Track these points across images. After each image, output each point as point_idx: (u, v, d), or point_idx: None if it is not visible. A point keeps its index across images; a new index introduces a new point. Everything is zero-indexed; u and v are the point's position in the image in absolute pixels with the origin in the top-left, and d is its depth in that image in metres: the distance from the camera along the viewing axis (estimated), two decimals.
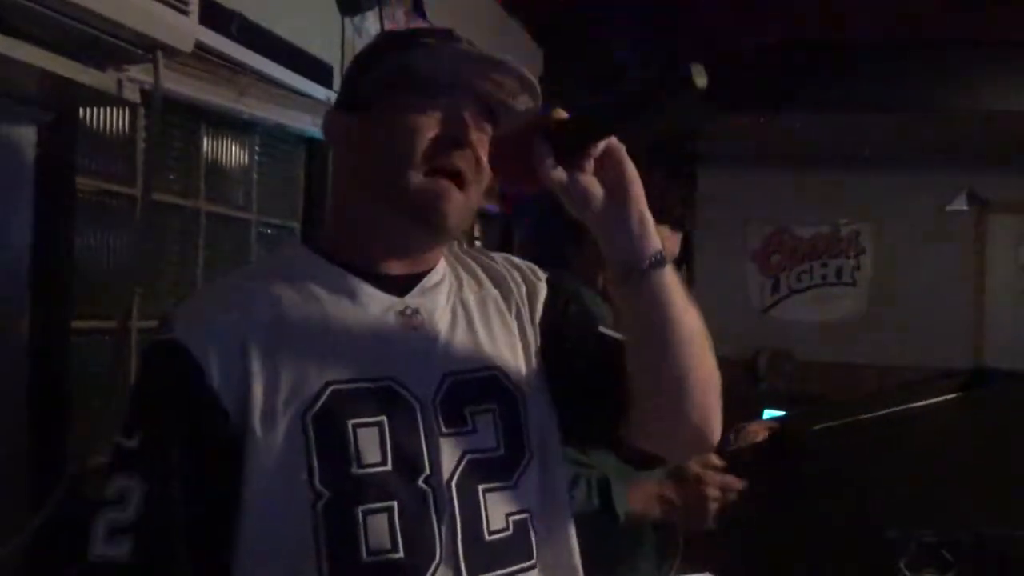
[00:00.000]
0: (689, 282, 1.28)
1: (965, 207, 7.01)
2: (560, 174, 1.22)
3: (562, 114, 1.24)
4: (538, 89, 1.31)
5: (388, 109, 1.30)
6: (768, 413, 3.93)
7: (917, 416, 1.94)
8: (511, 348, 1.38)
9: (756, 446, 2.29)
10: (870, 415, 1.99)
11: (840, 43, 5.10)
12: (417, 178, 1.27)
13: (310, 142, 2.75)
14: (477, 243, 3.93)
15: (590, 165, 1.23)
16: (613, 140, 1.24)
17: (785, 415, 2.95)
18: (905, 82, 5.18)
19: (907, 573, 1.83)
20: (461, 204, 1.29)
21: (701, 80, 1.11)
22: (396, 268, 1.34)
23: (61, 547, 1.73)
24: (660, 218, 1.30)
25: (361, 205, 1.33)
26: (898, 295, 7.03)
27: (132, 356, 2.01)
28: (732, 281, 7.03)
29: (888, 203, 7.01)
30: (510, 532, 1.29)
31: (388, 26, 2.96)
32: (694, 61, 1.11)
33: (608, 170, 1.24)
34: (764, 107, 5.51)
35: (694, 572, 2.81)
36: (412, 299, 1.33)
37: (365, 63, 1.37)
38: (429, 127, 1.28)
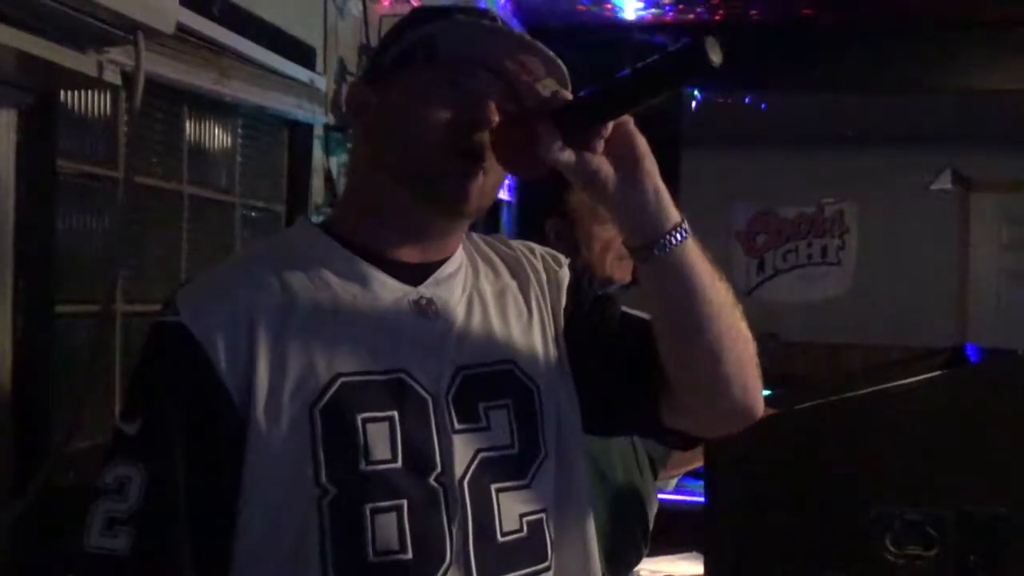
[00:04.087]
0: None
1: (949, 186, 7.04)
2: (569, 156, 1.16)
3: (566, 95, 1.19)
4: (566, 73, 1.26)
5: (408, 83, 1.25)
6: None
7: (901, 394, 1.95)
8: (528, 340, 1.33)
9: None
10: (854, 394, 2.00)
11: (824, 23, 5.10)
12: (437, 158, 1.22)
13: (293, 124, 2.73)
14: None
15: (600, 144, 1.17)
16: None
17: (770, 394, 2.97)
18: (889, 62, 5.19)
19: (892, 550, 1.84)
20: (481, 187, 1.24)
21: (716, 56, 1.07)
22: (411, 255, 1.29)
23: (42, 539, 1.73)
24: None
25: (377, 185, 1.28)
26: (882, 274, 7.07)
27: (116, 339, 2.01)
28: (717, 262, 7.02)
29: (872, 182, 7.04)
30: (524, 533, 1.24)
31: (372, 8, 2.95)
32: (708, 36, 1.07)
33: (618, 146, 1.18)
34: (748, 87, 5.51)
35: (681, 552, 2.83)
36: (427, 288, 1.28)
37: (391, 36, 1.32)
38: (451, 106, 1.23)
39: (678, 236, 1.20)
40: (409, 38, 1.27)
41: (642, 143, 1.19)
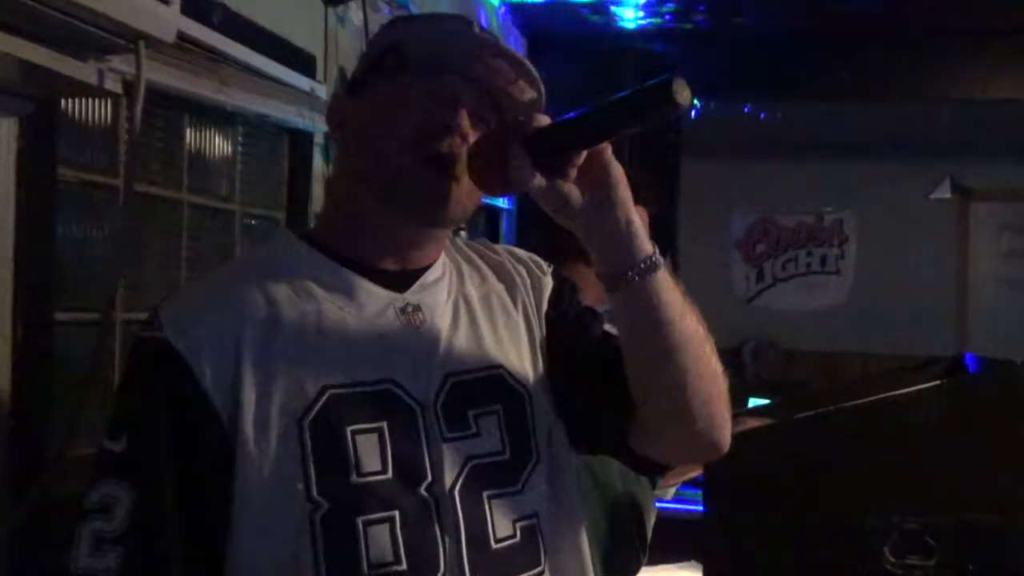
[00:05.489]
0: (674, 270, 1.22)
1: (948, 195, 7.04)
2: (539, 181, 1.15)
3: (542, 120, 1.18)
4: (536, 75, 1.25)
5: (378, 91, 1.25)
6: (753, 401, 3.95)
7: (900, 403, 1.95)
8: (516, 345, 1.33)
9: (742, 434, 2.30)
10: (853, 403, 2.00)
11: (823, 33, 5.11)
12: (403, 165, 1.21)
13: (293, 132, 2.74)
14: (463, 234, 3.92)
15: (572, 172, 1.16)
16: None
17: (768, 403, 2.97)
18: (888, 72, 5.19)
19: (891, 559, 1.84)
20: (454, 193, 1.23)
21: (684, 96, 1.07)
22: (393, 263, 1.29)
23: (40, 547, 1.73)
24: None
25: (354, 195, 1.28)
26: (882, 283, 7.05)
27: (116, 348, 2.01)
28: (717, 270, 7.04)
29: (872, 191, 7.03)
30: (517, 539, 1.24)
31: (372, 16, 2.96)
32: (677, 76, 1.07)
33: (591, 174, 1.17)
34: (747, 97, 5.52)
35: (680, 561, 2.83)
36: (412, 295, 1.27)
37: (368, 46, 1.33)
38: (420, 110, 1.22)
39: (647, 267, 1.19)
40: (378, 47, 1.27)
41: (616, 171, 1.18)
